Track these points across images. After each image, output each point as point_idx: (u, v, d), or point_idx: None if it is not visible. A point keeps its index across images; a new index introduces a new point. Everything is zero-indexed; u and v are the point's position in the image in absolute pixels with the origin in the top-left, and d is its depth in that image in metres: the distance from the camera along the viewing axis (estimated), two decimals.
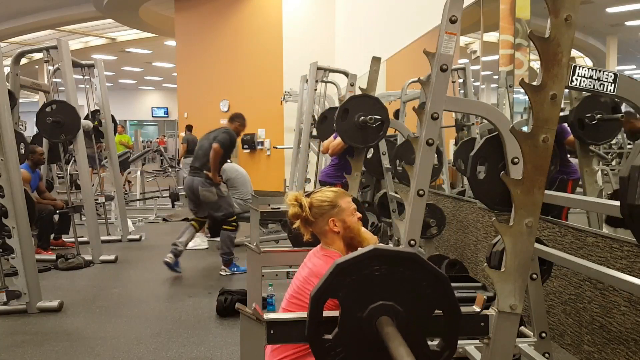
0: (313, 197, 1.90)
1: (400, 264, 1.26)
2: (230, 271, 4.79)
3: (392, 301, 1.25)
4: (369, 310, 1.25)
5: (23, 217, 3.69)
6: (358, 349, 1.28)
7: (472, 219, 4.12)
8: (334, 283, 1.25)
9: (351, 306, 1.26)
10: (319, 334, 1.27)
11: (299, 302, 1.77)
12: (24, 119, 6.17)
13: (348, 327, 1.27)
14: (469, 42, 4.76)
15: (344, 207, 1.89)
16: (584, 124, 2.87)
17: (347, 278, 1.25)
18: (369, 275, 1.25)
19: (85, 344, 3.19)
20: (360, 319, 1.26)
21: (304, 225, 1.90)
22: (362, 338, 1.27)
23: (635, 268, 2.32)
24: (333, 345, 1.27)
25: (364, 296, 1.26)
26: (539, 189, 1.35)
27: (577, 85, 1.49)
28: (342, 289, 1.25)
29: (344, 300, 1.25)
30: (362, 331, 1.26)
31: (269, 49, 10.03)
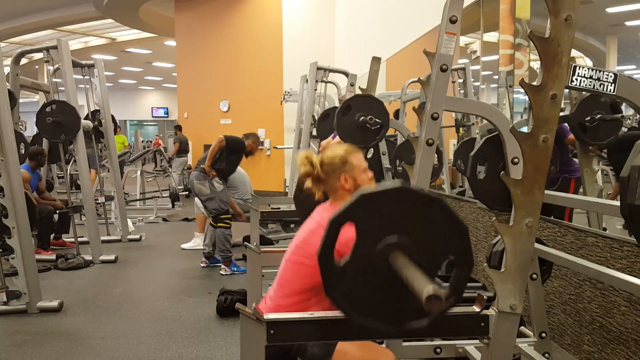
0: (324, 154, 1.88)
1: (424, 205, 1.26)
2: (230, 270, 4.78)
3: (409, 239, 1.25)
4: (385, 242, 1.24)
5: (23, 217, 3.69)
6: (367, 281, 1.27)
7: (472, 219, 4.12)
8: (356, 209, 1.24)
9: (367, 236, 1.25)
10: (330, 258, 1.25)
11: (304, 252, 1.75)
12: (24, 119, 6.17)
13: (360, 257, 1.26)
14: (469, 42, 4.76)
15: (356, 163, 1.86)
16: (585, 127, 2.87)
17: (369, 207, 1.25)
18: (391, 209, 1.26)
19: (85, 344, 3.19)
20: (374, 250, 1.25)
21: (315, 183, 1.87)
22: (372, 270, 1.26)
23: (635, 268, 2.32)
24: (342, 273, 1.26)
25: (382, 229, 1.25)
26: (539, 189, 1.35)
27: (577, 85, 1.49)
28: (362, 216, 1.24)
29: (362, 228, 1.24)
30: (373, 263, 1.26)
31: (269, 49, 10.03)
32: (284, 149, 9.25)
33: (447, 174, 4.94)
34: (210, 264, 5.02)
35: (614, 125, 2.88)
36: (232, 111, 10.54)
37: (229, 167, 4.92)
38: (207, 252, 5.05)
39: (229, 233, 4.79)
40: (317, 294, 1.71)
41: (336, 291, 1.28)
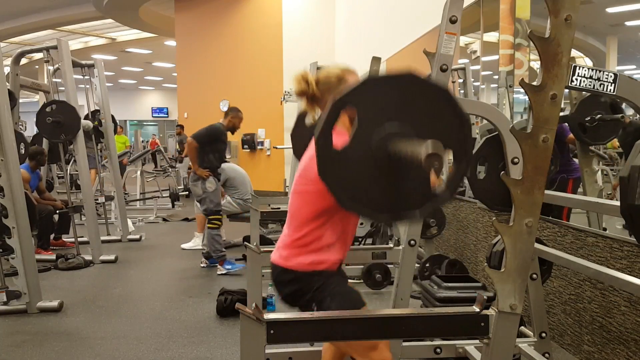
0: (319, 73, 1.85)
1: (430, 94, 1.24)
2: (225, 269, 4.75)
3: (410, 127, 1.23)
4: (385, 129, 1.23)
5: (23, 217, 3.69)
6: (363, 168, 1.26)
7: (472, 219, 4.12)
8: (360, 94, 1.22)
9: (368, 122, 1.23)
10: (328, 141, 1.23)
11: (306, 179, 1.73)
12: (24, 119, 6.17)
13: (359, 143, 1.24)
14: (469, 42, 4.76)
15: (352, 82, 1.80)
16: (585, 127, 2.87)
17: (373, 92, 1.23)
18: (395, 96, 1.24)
19: (85, 344, 3.19)
20: (374, 136, 1.23)
21: (310, 103, 1.84)
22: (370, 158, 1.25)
23: (635, 268, 2.32)
24: (339, 158, 1.25)
25: (383, 115, 1.23)
26: (539, 189, 1.35)
27: (577, 85, 1.49)
28: (365, 102, 1.23)
29: (363, 114, 1.22)
30: (372, 150, 1.24)
31: (269, 49, 10.02)
32: (284, 149, 9.25)
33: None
34: (210, 264, 5.01)
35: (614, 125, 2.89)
36: None
37: (217, 156, 4.84)
38: (205, 252, 5.05)
39: (216, 233, 4.76)
40: (328, 219, 1.70)
41: (330, 176, 1.26)
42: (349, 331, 1.38)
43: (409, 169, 1.22)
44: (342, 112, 1.23)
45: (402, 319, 1.40)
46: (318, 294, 1.72)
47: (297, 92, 1.83)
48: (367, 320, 1.40)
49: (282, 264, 1.76)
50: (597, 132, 2.88)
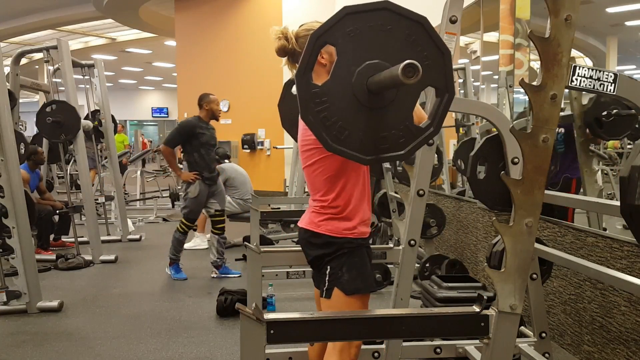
0: (299, 28, 1.80)
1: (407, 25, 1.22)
2: (168, 271, 4.65)
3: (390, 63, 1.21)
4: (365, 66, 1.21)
5: (23, 217, 3.69)
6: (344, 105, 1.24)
7: (472, 219, 4.12)
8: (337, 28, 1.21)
9: (347, 57, 1.22)
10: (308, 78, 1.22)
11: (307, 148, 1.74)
12: (24, 119, 6.17)
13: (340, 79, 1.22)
14: (469, 42, 4.76)
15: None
16: (601, 122, 2.87)
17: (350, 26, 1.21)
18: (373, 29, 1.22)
19: (85, 344, 3.19)
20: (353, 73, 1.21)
21: (290, 60, 1.81)
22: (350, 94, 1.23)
23: (635, 268, 2.32)
24: (319, 94, 1.23)
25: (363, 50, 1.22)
26: (539, 189, 1.35)
27: (577, 85, 1.49)
28: (344, 36, 1.21)
29: (342, 49, 1.21)
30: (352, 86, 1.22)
31: (269, 49, 9.95)
32: (284, 149, 9.25)
33: (447, 174, 4.94)
34: (220, 274, 4.70)
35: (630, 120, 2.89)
36: (232, 111, 10.54)
37: (201, 153, 4.41)
38: (213, 261, 4.72)
39: (177, 237, 4.60)
40: (347, 179, 1.71)
41: (312, 115, 1.24)
42: (349, 331, 1.38)
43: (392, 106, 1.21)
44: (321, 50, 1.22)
45: (402, 319, 1.40)
46: (339, 259, 1.73)
47: (276, 49, 1.78)
48: (367, 320, 1.40)
49: (313, 229, 1.77)
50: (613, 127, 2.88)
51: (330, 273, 1.74)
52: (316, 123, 1.26)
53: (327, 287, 1.75)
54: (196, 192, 4.41)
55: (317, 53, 1.21)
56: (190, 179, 4.38)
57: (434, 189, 5.04)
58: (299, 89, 1.23)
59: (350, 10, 1.21)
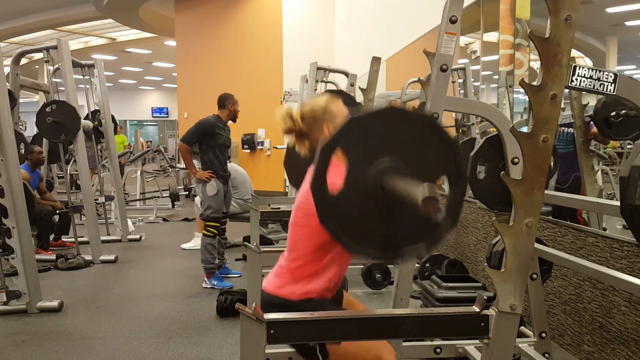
0: (303, 107, 1.83)
1: (414, 125, 1.25)
2: (210, 284, 4.37)
3: (401, 161, 1.24)
4: (377, 166, 1.24)
5: (23, 217, 3.69)
6: (361, 207, 1.27)
7: (472, 219, 4.12)
8: (346, 135, 1.23)
9: (359, 161, 1.24)
10: (324, 188, 1.24)
11: (304, 213, 1.72)
12: (24, 119, 6.17)
13: (354, 184, 1.25)
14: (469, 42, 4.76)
15: (336, 111, 1.78)
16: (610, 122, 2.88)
17: (359, 132, 1.24)
18: (381, 132, 1.24)
19: (85, 344, 3.19)
20: (367, 176, 1.24)
21: (299, 140, 1.82)
22: (367, 198, 1.25)
23: (635, 268, 2.32)
24: (337, 203, 1.26)
25: (373, 152, 1.24)
26: (539, 189, 1.35)
27: (577, 85, 1.49)
28: (353, 142, 1.23)
29: (353, 154, 1.23)
30: (367, 188, 1.25)
31: (269, 49, 10.03)
32: (284, 149, 9.26)
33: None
34: (220, 274, 4.63)
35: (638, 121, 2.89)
36: None
37: (216, 153, 4.38)
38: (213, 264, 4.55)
39: (208, 242, 4.35)
40: (328, 252, 1.69)
41: (332, 222, 1.26)
42: (349, 331, 1.38)
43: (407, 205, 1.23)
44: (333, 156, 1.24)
45: (402, 319, 1.40)
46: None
47: (284, 130, 1.82)
48: (367, 320, 1.40)
49: (273, 292, 1.75)
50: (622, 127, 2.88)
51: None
52: (336, 229, 1.28)
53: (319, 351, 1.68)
54: (215, 190, 4.35)
55: (328, 163, 1.23)
56: (205, 177, 4.31)
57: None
58: (315, 199, 1.25)
59: (357, 117, 1.24)
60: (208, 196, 4.34)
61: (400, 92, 5.24)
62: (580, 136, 3.05)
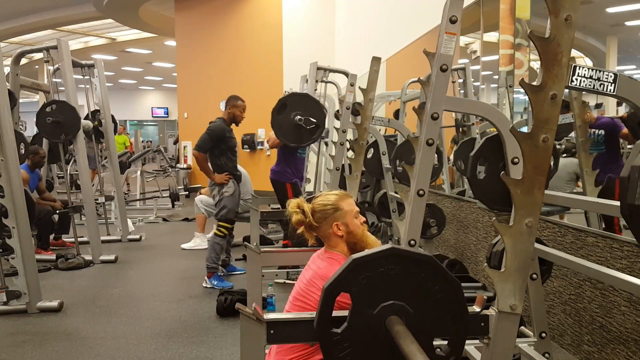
0: (315, 202, 1.90)
1: (415, 265, 1.28)
2: (210, 284, 4.36)
3: (404, 301, 1.27)
4: (380, 308, 1.26)
5: (23, 217, 3.69)
6: (365, 346, 1.29)
7: (472, 219, 4.12)
8: (349, 277, 1.26)
9: (362, 302, 1.27)
10: (328, 327, 1.27)
11: (304, 304, 1.77)
12: (24, 119, 6.17)
13: (357, 323, 1.27)
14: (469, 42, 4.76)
15: (347, 209, 1.88)
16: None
17: (361, 274, 1.26)
18: (383, 273, 1.27)
19: (85, 344, 3.19)
20: (370, 316, 1.27)
21: (307, 230, 1.90)
22: (370, 335, 1.28)
23: (635, 268, 2.32)
24: (341, 340, 1.28)
25: (376, 294, 1.27)
26: (539, 189, 1.35)
27: (577, 85, 1.49)
28: (356, 284, 1.26)
29: (356, 296, 1.26)
30: (371, 328, 1.27)
31: (269, 49, 10.02)
32: None
33: (447, 174, 4.94)
34: (227, 272, 4.70)
35: None
36: None
37: (229, 156, 4.46)
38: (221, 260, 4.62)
39: (217, 242, 4.36)
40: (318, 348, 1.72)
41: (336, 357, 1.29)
42: None
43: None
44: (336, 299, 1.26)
45: None
46: None
47: (294, 222, 1.88)
48: None
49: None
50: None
51: None
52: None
53: None
54: (232, 190, 4.42)
55: (331, 305, 1.25)
56: (224, 180, 4.38)
57: (434, 189, 5.04)
58: (319, 336, 1.28)
59: (359, 260, 1.26)
60: (225, 196, 4.39)
61: (400, 92, 5.24)
62: (580, 136, 3.05)
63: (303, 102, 3.77)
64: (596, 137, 3.38)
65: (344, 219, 1.87)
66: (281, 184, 4.58)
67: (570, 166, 3.66)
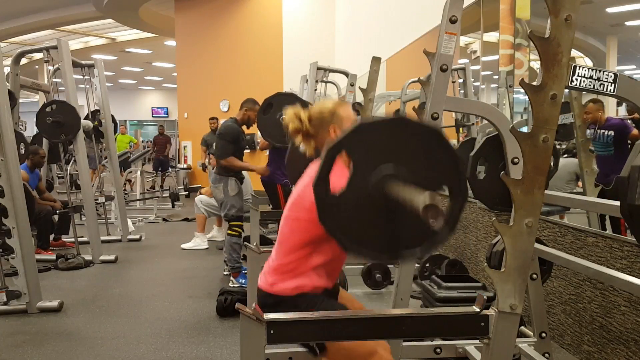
0: (312, 109, 1.86)
1: (422, 135, 1.27)
2: (237, 283, 4.33)
3: (405, 168, 1.26)
4: (381, 172, 1.25)
5: (23, 217, 3.69)
6: (362, 211, 1.28)
7: (472, 219, 4.12)
8: (354, 139, 1.24)
9: (364, 167, 1.25)
10: (326, 188, 1.25)
11: (300, 207, 1.74)
12: (24, 119, 6.17)
13: (356, 187, 1.26)
14: (469, 42, 4.76)
15: (344, 115, 1.83)
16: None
17: (366, 137, 1.25)
18: (387, 139, 1.26)
19: (85, 344, 3.19)
20: (370, 181, 1.26)
21: (305, 140, 1.85)
22: (367, 201, 1.27)
23: (635, 268, 2.32)
24: (337, 203, 1.27)
25: (378, 159, 1.26)
26: (539, 189, 1.35)
27: (577, 85, 1.49)
28: (359, 147, 1.25)
29: (358, 159, 1.25)
30: (369, 192, 1.26)
31: (269, 49, 10.02)
32: None
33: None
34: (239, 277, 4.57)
35: None
36: (232, 111, 10.51)
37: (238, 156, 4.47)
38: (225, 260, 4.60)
39: (236, 242, 4.36)
40: (316, 247, 1.71)
41: (330, 221, 1.28)
42: (349, 331, 1.38)
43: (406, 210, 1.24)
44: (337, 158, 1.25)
45: (402, 319, 1.40)
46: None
47: (291, 130, 1.84)
48: (367, 320, 1.40)
49: (266, 289, 1.77)
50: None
51: None
52: (334, 228, 1.29)
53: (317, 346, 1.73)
54: (236, 189, 4.40)
55: (332, 164, 1.24)
56: (267, 172, 4.48)
57: None
58: (316, 198, 1.26)
59: (366, 122, 1.27)
60: (230, 196, 4.37)
61: (400, 92, 5.24)
62: (580, 136, 3.05)
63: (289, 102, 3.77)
64: (605, 138, 3.38)
65: (341, 124, 1.81)
66: (272, 185, 4.59)
67: (570, 166, 3.66)
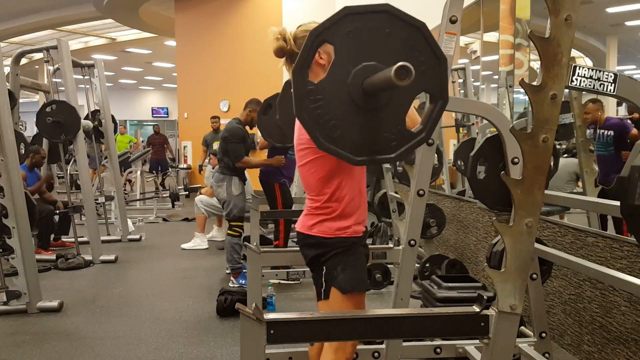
0: (298, 29, 1.82)
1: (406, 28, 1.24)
2: (237, 283, 4.31)
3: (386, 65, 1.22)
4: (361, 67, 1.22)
5: (23, 217, 3.69)
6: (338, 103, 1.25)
7: (472, 219, 4.12)
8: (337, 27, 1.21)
9: (345, 57, 1.22)
10: (305, 74, 1.22)
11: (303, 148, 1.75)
12: (24, 119, 6.17)
13: (335, 78, 1.23)
14: (469, 42, 4.76)
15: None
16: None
17: (349, 26, 1.22)
18: (372, 31, 1.22)
19: (85, 344, 3.19)
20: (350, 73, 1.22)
21: (288, 60, 1.82)
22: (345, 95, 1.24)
23: (635, 268, 2.32)
24: (315, 91, 1.24)
25: (360, 52, 1.23)
26: (539, 189, 1.35)
27: (577, 85, 1.49)
28: (342, 36, 1.21)
29: (340, 48, 1.21)
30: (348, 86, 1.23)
31: (269, 49, 9.97)
32: None
33: (447, 174, 4.94)
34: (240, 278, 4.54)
35: None
36: (232, 111, 10.54)
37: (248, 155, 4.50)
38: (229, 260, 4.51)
39: (236, 242, 4.33)
40: (340, 180, 1.72)
41: (306, 112, 1.25)
42: (349, 331, 1.38)
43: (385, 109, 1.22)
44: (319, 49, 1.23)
45: (402, 319, 1.40)
46: (333, 259, 1.75)
47: (274, 49, 1.80)
48: (367, 320, 1.40)
49: (305, 232, 1.79)
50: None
51: (326, 273, 1.75)
52: (310, 121, 1.27)
53: (325, 288, 1.76)
54: (239, 189, 4.37)
55: (315, 50, 1.22)
56: (281, 162, 4.38)
57: (434, 189, 5.04)
58: (294, 86, 1.24)
59: (351, 11, 1.22)
60: (233, 195, 4.34)
61: None
62: (580, 136, 3.05)
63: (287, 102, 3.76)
64: (605, 138, 3.38)
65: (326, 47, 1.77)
66: (270, 185, 4.58)
67: (570, 166, 3.67)
